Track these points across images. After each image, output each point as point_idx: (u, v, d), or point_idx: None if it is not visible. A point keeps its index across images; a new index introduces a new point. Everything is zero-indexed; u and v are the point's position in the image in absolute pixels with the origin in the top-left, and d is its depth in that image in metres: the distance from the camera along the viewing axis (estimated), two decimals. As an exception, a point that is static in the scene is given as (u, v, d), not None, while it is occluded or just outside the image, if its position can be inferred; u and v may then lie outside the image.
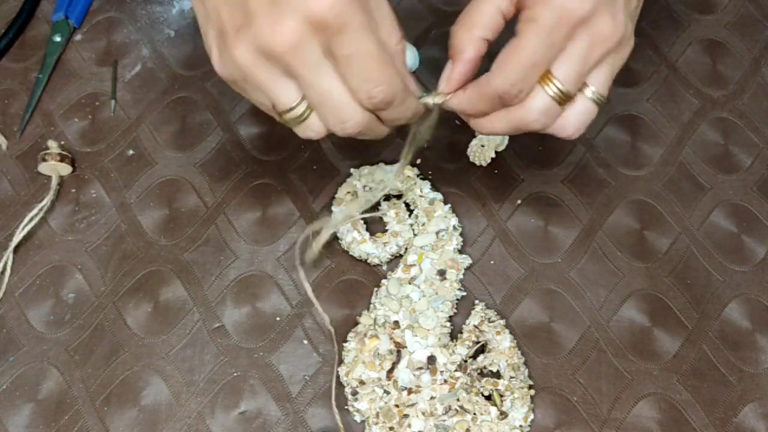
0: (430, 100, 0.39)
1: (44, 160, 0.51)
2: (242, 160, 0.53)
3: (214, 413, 0.46)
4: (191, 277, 0.49)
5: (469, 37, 0.38)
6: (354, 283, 0.49)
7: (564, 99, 0.37)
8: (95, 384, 0.47)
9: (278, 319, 0.48)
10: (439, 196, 0.51)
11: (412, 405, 0.44)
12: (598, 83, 0.38)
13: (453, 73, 0.39)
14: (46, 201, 0.51)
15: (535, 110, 0.37)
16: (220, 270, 0.50)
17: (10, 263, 0.50)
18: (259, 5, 0.33)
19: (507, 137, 0.52)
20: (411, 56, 0.56)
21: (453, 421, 0.44)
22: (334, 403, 0.45)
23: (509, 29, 0.38)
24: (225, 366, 0.47)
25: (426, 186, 0.51)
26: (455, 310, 0.47)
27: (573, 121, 0.38)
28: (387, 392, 0.45)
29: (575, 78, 0.37)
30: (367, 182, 0.50)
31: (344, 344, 0.47)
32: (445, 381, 0.45)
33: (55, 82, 0.57)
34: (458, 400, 0.44)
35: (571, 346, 0.47)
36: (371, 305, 0.48)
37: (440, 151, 0.53)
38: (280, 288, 0.49)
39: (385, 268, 0.49)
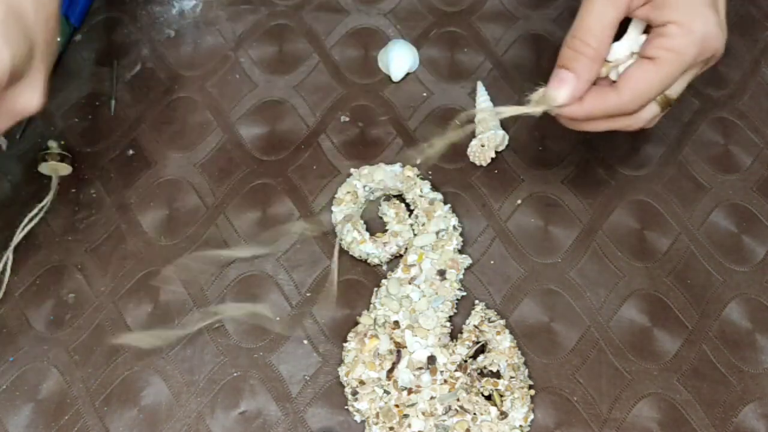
0: (539, 109, 0.39)
1: (44, 160, 0.51)
2: (242, 160, 0.53)
3: (214, 413, 0.46)
4: (191, 277, 0.49)
5: (597, 57, 0.38)
6: (354, 283, 0.49)
7: (667, 107, 0.39)
8: (95, 384, 0.47)
9: (278, 319, 0.48)
10: (439, 196, 0.51)
11: (412, 405, 0.44)
12: (679, 89, 0.39)
13: (576, 90, 0.38)
14: (46, 201, 0.51)
15: (643, 119, 0.39)
16: (220, 270, 0.50)
17: (10, 263, 0.50)
18: None
19: (507, 138, 0.52)
20: (411, 57, 0.56)
21: (453, 421, 0.44)
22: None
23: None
24: (225, 366, 0.47)
25: (426, 186, 0.51)
26: (455, 310, 0.47)
27: (644, 119, 0.40)
28: (387, 392, 0.45)
29: (683, 89, 0.39)
30: (367, 182, 0.50)
31: (344, 344, 0.47)
32: (445, 381, 0.45)
33: (55, 82, 0.57)
34: (458, 400, 0.44)
35: (571, 346, 0.47)
36: (371, 305, 0.48)
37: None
38: (280, 288, 0.49)
39: (385, 268, 0.49)
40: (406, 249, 0.49)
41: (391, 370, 0.45)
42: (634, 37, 0.39)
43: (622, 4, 0.36)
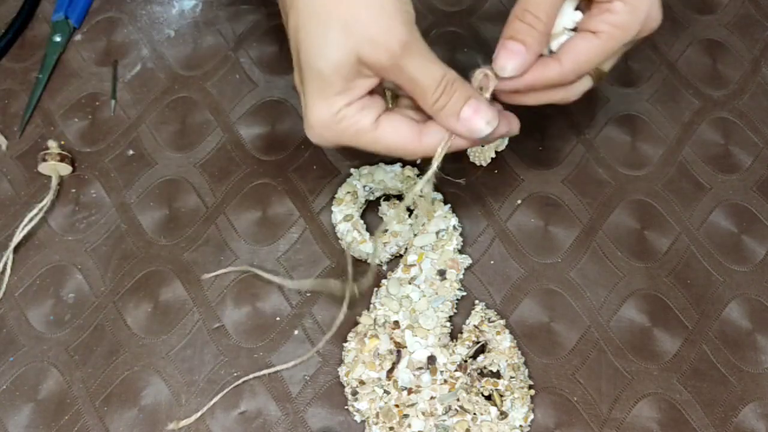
0: (491, 84, 0.38)
1: (44, 160, 0.51)
2: (242, 160, 0.53)
3: (214, 413, 0.46)
4: (191, 277, 0.49)
5: (546, 30, 0.38)
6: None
7: (599, 80, 0.40)
8: (95, 384, 0.47)
9: (278, 319, 0.48)
10: (439, 196, 0.51)
11: (412, 405, 0.44)
12: (611, 63, 0.41)
13: (526, 62, 0.37)
14: (46, 201, 0.51)
15: (578, 92, 0.40)
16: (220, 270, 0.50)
17: (10, 263, 0.50)
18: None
19: (507, 138, 0.52)
20: None
21: (453, 421, 0.44)
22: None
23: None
24: (225, 366, 0.47)
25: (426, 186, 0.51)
26: (455, 310, 0.48)
27: (578, 92, 0.41)
28: (387, 392, 0.45)
29: (614, 63, 0.40)
30: (367, 182, 0.50)
31: (344, 344, 0.47)
32: (445, 381, 0.45)
33: (55, 82, 0.57)
34: (458, 400, 0.44)
35: (571, 346, 0.47)
36: (371, 305, 0.48)
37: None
38: (280, 288, 0.49)
39: (385, 268, 0.49)
40: (406, 249, 0.49)
41: (391, 370, 0.45)
42: (568, 12, 0.39)
43: None
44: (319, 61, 0.35)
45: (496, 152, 0.53)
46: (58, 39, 0.57)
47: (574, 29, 0.39)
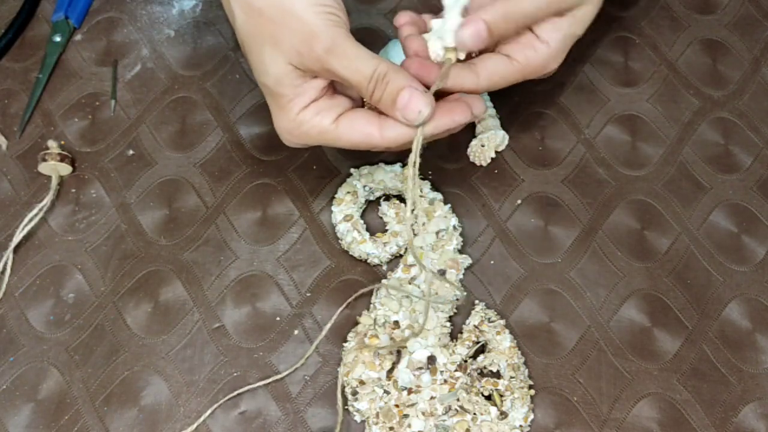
0: (452, 56, 0.40)
1: (44, 160, 0.51)
2: (242, 160, 0.53)
3: (214, 413, 0.46)
4: (191, 277, 0.49)
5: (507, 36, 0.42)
6: (354, 283, 0.49)
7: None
8: (95, 384, 0.47)
9: (278, 319, 0.48)
10: (439, 196, 0.51)
11: (412, 405, 0.44)
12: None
13: (482, 46, 0.41)
14: (46, 201, 0.51)
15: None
16: (220, 270, 0.50)
17: (10, 263, 0.50)
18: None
19: (507, 137, 0.52)
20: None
21: (453, 421, 0.44)
22: (339, 400, 0.45)
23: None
24: (225, 366, 0.47)
25: (426, 186, 0.51)
26: (455, 310, 0.47)
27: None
28: (387, 392, 0.45)
29: None
30: (367, 182, 0.50)
31: (344, 344, 0.47)
32: (445, 381, 0.45)
33: (55, 82, 0.57)
34: (458, 400, 0.44)
35: (571, 346, 0.47)
36: (371, 305, 0.48)
37: (440, 151, 0.53)
38: (280, 288, 0.49)
39: (385, 268, 0.49)
40: (406, 249, 0.49)
41: (391, 370, 0.45)
42: (454, 18, 0.40)
43: (554, 6, 0.41)
44: (264, 77, 0.40)
45: (496, 152, 0.53)
46: (58, 39, 0.57)
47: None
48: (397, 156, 0.53)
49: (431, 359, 0.45)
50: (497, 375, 0.45)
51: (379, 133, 0.40)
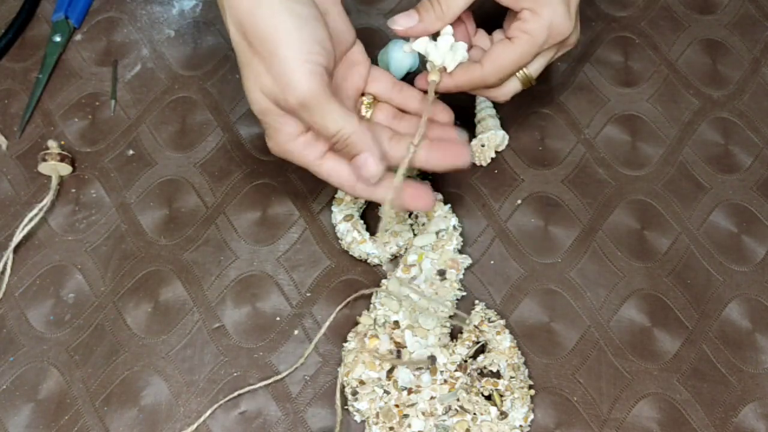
0: (434, 77, 0.44)
1: (44, 160, 0.51)
2: (242, 160, 0.53)
3: (215, 413, 0.46)
4: (191, 277, 0.49)
5: (443, 21, 0.45)
6: (354, 283, 0.49)
7: (528, 84, 0.46)
8: (95, 384, 0.47)
9: (278, 319, 0.48)
10: (439, 196, 0.51)
11: (412, 405, 0.44)
12: (537, 69, 0.46)
13: (412, 25, 0.44)
14: (46, 201, 0.51)
15: (506, 93, 0.46)
16: (220, 270, 0.50)
17: (10, 263, 0.50)
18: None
19: (507, 138, 0.52)
20: (411, 57, 0.56)
21: (453, 421, 0.44)
22: (338, 401, 0.45)
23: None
24: (225, 366, 0.47)
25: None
26: (455, 310, 0.47)
27: (507, 93, 0.47)
28: (387, 392, 0.45)
29: (541, 70, 0.46)
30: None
31: (344, 344, 0.47)
32: (445, 381, 0.45)
33: (55, 82, 0.57)
34: (458, 400, 0.44)
35: (571, 346, 0.47)
36: (371, 305, 0.48)
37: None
38: (280, 288, 0.49)
39: (385, 268, 0.49)
40: (406, 249, 0.49)
41: (391, 370, 0.45)
42: (445, 43, 0.45)
43: None
44: (250, 103, 0.41)
45: (496, 152, 0.53)
46: (58, 39, 0.57)
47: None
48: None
49: (431, 359, 0.45)
50: (497, 375, 0.45)
51: (353, 184, 0.42)
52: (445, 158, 0.43)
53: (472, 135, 0.52)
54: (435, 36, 0.45)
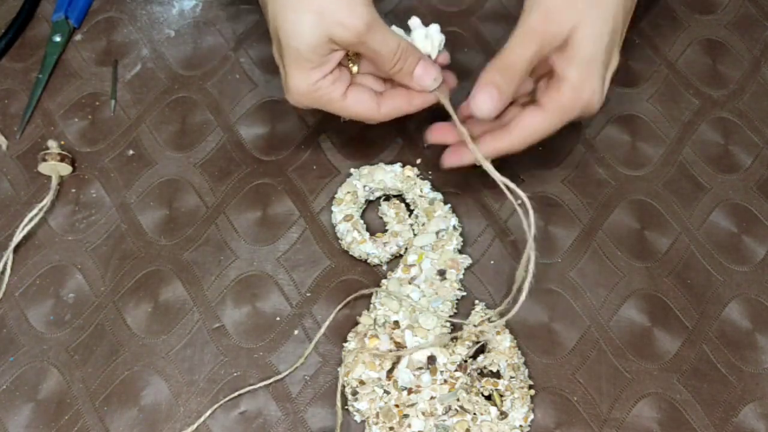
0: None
1: (44, 160, 0.51)
2: (242, 160, 0.53)
3: (214, 413, 0.46)
4: (191, 277, 0.49)
5: (516, 87, 0.44)
6: (354, 283, 0.49)
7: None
8: (95, 384, 0.47)
9: (278, 319, 0.48)
10: (439, 196, 0.51)
11: (412, 405, 0.44)
12: None
13: (498, 108, 0.44)
14: (46, 201, 0.51)
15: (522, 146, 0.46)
16: (220, 270, 0.50)
17: (10, 263, 0.50)
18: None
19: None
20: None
21: (453, 421, 0.44)
22: (339, 402, 0.45)
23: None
24: (225, 366, 0.47)
25: (426, 186, 0.51)
26: (455, 310, 0.47)
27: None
28: (387, 392, 0.45)
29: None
30: (367, 182, 0.50)
31: (344, 344, 0.47)
32: (445, 381, 0.45)
33: (55, 82, 0.57)
34: (458, 400, 0.44)
35: (571, 346, 0.47)
36: (371, 305, 0.48)
37: (440, 151, 0.53)
38: (280, 288, 0.49)
39: (385, 268, 0.49)
40: (406, 249, 0.49)
41: (391, 370, 0.45)
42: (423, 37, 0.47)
43: (541, 48, 0.43)
44: (298, 43, 0.42)
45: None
46: (58, 39, 0.57)
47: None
48: (397, 156, 0.53)
49: (431, 359, 0.45)
50: (497, 375, 0.45)
51: (377, 109, 0.46)
52: (410, 100, 0.46)
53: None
54: (408, 30, 0.47)
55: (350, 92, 0.45)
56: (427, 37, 0.47)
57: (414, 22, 0.47)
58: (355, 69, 0.47)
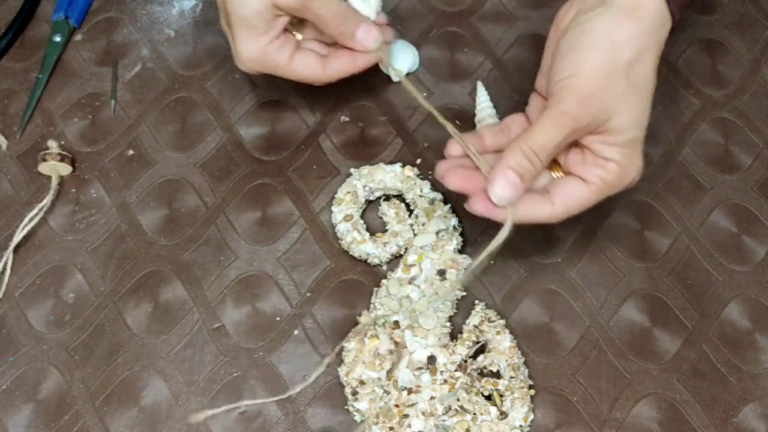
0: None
1: (44, 160, 0.51)
2: (242, 160, 0.53)
3: (214, 413, 0.46)
4: (191, 277, 0.49)
5: (542, 170, 0.42)
6: (354, 283, 0.49)
7: None
8: (95, 384, 0.47)
9: (278, 319, 0.48)
10: (439, 196, 0.51)
11: (412, 405, 0.44)
12: None
13: (520, 195, 0.41)
14: (46, 201, 0.51)
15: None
16: (220, 270, 0.50)
17: (10, 263, 0.50)
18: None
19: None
20: (411, 57, 0.56)
21: (453, 421, 0.44)
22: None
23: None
24: (225, 366, 0.47)
25: (426, 186, 0.51)
26: (455, 310, 0.48)
27: None
28: (387, 392, 0.45)
29: None
30: (367, 182, 0.50)
31: (344, 344, 0.47)
32: (445, 381, 0.45)
33: (55, 82, 0.57)
34: (458, 400, 0.44)
35: (571, 346, 0.47)
36: (371, 305, 0.48)
37: (440, 151, 0.53)
38: (280, 288, 0.49)
39: (385, 268, 0.49)
40: (406, 249, 0.49)
41: (391, 370, 0.45)
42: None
43: (574, 132, 0.41)
44: (245, 11, 0.45)
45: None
46: (58, 39, 0.57)
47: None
48: (397, 156, 0.53)
49: (431, 359, 0.45)
50: (497, 375, 0.45)
51: (323, 70, 0.48)
52: (355, 61, 0.48)
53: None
54: None
55: (296, 56, 0.48)
56: (365, 1, 0.48)
57: None
58: (299, 36, 0.49)
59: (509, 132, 0.45)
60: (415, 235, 0.49)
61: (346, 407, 0.45)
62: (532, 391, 0.45)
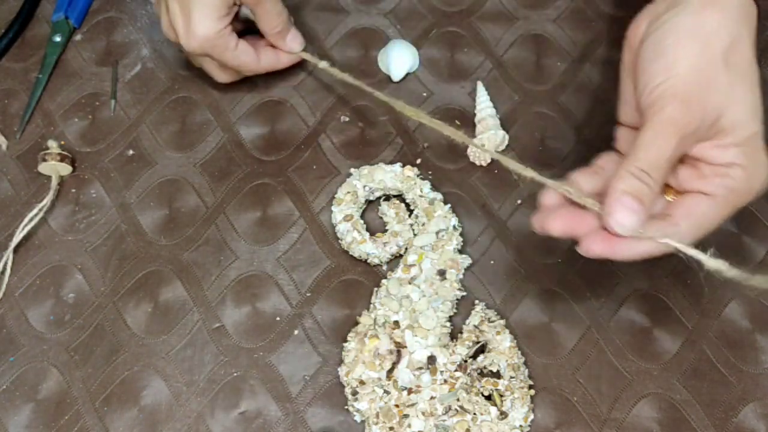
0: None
1: (44, 160, 0.51)
2: (242, 160, 0.53)
3: (214, 413, 0.46)
4: (191, 277, 0.49)
5: (660, 189, 0.37)
6: (354, 283, 0.49)
7: None
8: (95, 384, 0.47)
9: (278, 319, 0.48)
10: (439, 196, 0.51)
11: (412, 405, 0.44)
12: None
13: (642, 221, 0.36)
14: (46, 201, 0.51)
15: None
16: (220, 270, 0.50)
17: (10, 263, 0.50)
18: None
19: (507, 138, 0.52)
20: (411, 57, 0.56)
21: (453, 421, 0.44)
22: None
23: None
24: (225, 366, 0.47)
25: (426, 186, 0.51)
26: (455, 310, 0.48)
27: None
28: (387, 392, 0.45)
29: None
30: (367, 182, 0.50)
31: (344, 344, 0.47)
32: (445, 381, 0.45)
33: (55, 82, 0.57)
34: (458, 400, 0.44)
35: (571, 346, 0.47)
36: (371, 305, 0.48)
37: (440, 151, 0.53)
38: (280, 288, 0.49)
39: (385, 268, 0.49)
40: (406, 249, 0.49)
41: (391, 370, 0.45)
42: None
43: (683, 141, 0.36)
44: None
45: (496, 152, 0.53)
46: (58, 39, 0.57)
47: None
48: (397, 156, 0.53)
49: (431, 359, 0.45)
50: (497, 375, 0.45)
51: (257, 61, 0.52)
52: (279, 58, 0.53)
53: (472, 135, 0.52)
54: None
55: (240, 44, 0.51)
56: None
57: None
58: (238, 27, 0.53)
59: (603, 172, 0.40)
60: (415, 235, 0.49)
61: (346, 407, 0.45)
62: (532, 391, 0.45)
